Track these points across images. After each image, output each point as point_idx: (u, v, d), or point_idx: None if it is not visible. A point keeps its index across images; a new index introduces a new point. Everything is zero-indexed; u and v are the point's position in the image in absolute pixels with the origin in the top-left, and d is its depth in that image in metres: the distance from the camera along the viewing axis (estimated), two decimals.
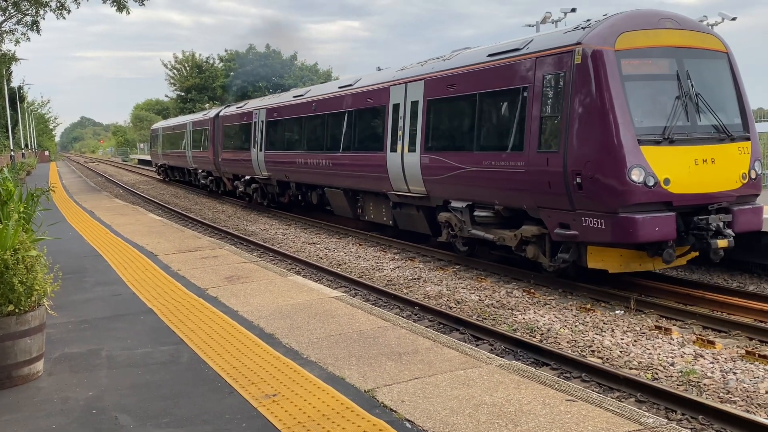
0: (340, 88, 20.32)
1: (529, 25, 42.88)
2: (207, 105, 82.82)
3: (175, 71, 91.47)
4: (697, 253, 11.87)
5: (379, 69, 20.57)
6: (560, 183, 11.26)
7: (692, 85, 11.17)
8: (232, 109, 31.28)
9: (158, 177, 50.82)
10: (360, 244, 18.21)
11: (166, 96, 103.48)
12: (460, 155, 13.99)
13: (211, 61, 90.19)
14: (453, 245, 15.26)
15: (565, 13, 36.91)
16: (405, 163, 15.91)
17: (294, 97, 24.03)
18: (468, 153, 13.73)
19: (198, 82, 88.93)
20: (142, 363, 6.91)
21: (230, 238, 20.02)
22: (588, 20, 11.93)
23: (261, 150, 25.76)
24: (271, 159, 25.02)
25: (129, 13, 21.37)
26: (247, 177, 28.02)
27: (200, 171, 36.07)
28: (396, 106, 16.54)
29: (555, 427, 5.06)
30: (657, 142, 10.72)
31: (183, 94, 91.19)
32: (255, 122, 26.86)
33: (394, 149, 16.44)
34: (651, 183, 10.53)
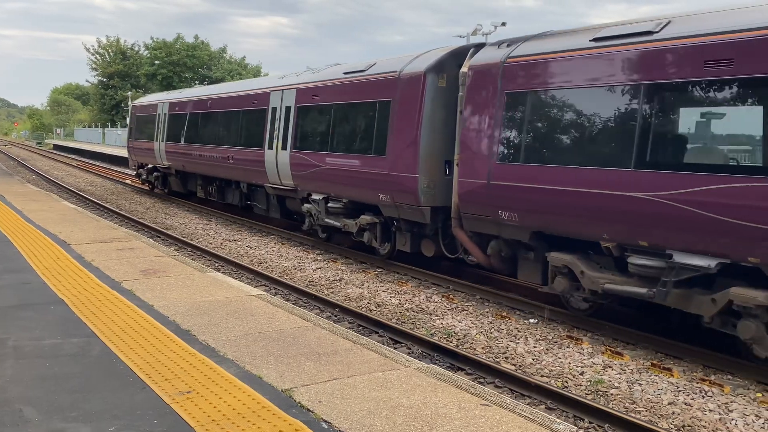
0: None
1: (461, 36, 43.67)
2: (129, 93, 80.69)
3: (98, 56, 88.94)
4: None
5: None
6: None
7: None
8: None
9: (143, 186, 31.45)
10: (282, 243, 18.06)
11: (87, 81, 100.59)
12: None
13: (137, 48, 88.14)
14: None
15: (496, 27, 37.68)
16: None
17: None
18: None
19: (121, 69, 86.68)
20: (50, 354, 6.66)
21: (148, 230, 19.52)
22: None
23: None
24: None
25: None
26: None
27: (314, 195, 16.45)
28: None
29: (469, 430, 5.15)
30: None
31: (105, 80, 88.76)
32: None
33: None
34: None
